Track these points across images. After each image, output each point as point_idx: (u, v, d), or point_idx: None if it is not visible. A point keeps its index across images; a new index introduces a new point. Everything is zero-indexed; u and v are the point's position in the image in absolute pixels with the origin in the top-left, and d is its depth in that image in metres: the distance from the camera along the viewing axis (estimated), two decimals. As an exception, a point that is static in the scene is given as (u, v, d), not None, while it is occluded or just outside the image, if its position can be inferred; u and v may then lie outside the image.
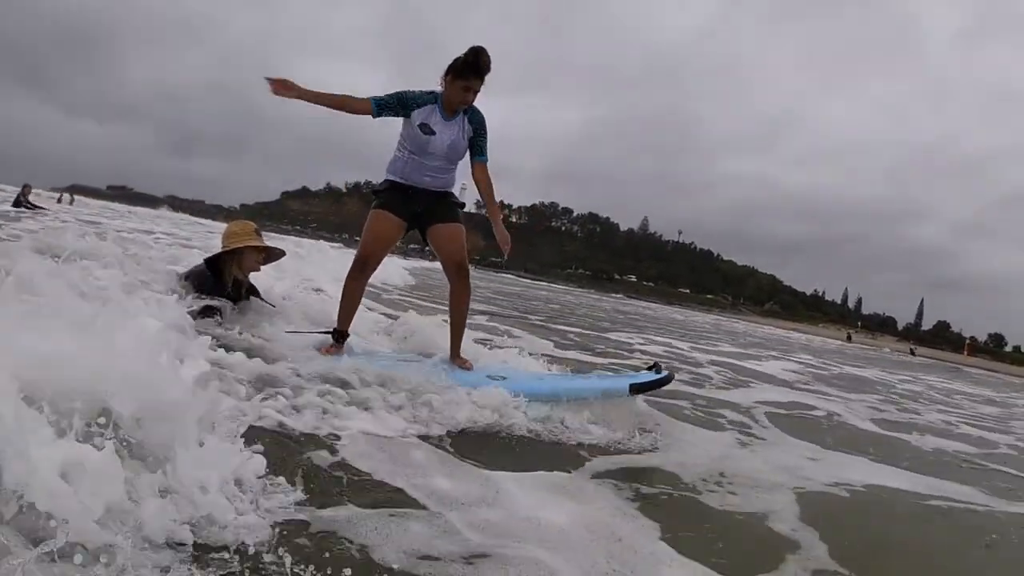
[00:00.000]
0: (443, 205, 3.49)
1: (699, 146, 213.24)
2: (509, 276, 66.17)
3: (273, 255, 3.93)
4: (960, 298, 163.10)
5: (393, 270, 12.29)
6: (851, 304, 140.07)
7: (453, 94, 3.28)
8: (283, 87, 3.11)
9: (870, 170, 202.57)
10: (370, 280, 3.58)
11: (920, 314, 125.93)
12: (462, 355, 3.53)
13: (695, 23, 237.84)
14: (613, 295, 71.33)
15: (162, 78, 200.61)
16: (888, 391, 8.41)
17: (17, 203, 16.01)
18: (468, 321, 3.63)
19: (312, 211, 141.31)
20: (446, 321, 3.68)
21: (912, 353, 44.93)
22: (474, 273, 4.17)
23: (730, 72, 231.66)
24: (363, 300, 3.65)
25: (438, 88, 3.37)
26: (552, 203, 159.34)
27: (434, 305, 7.67)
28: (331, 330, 3.49)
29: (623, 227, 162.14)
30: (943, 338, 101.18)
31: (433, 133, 3.33)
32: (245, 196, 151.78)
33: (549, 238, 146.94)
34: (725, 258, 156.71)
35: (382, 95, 3.31)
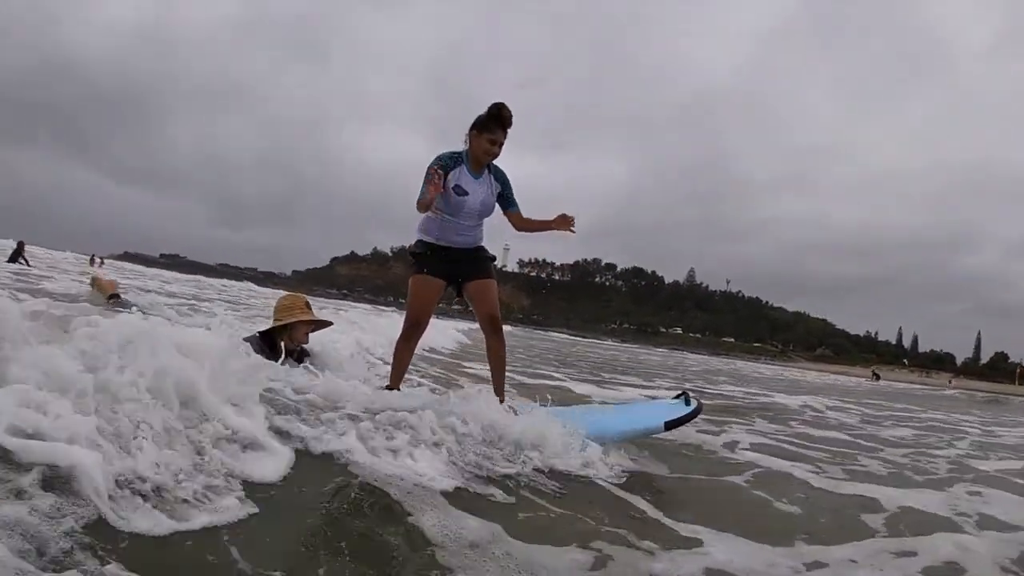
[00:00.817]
0: (477, 261, 3.72)
1: (743, 189, 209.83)
2: (552, 332, 65.97)
3: (321, 325, 4.17)
4: (1020, 326, 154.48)
5: (445, 334, 12.70)
6: (906, 342, 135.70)
7: (480, 149, 3.50)
8: (440, 178, 3.43)
9: (917, 197, 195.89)
10: (421, 345, 3.90)
11: (978, 347, 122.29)
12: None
13: (729, 63, 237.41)
14: (655, 348, 71.23)
15: (212, 146, 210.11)
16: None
17: (13, 258, 17.48)
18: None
19: (360, 275, 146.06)
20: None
21: (876, 377, 45.22)
22: (515, 330, 5.01)
23: (768, 110, 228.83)
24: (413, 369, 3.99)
25: (462, 147, 3.60)
26: (595, 259, 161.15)
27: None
28: (383, 388, 3.61)
29: (669, 279, 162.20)
30: (998, 369, 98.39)
31: (467, 194, 3.53)
32: (297, 263, 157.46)
33: (592, 294, 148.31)
34: (774, 305, 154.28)
35: (424, 185, 3.45)
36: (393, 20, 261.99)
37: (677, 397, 3.77)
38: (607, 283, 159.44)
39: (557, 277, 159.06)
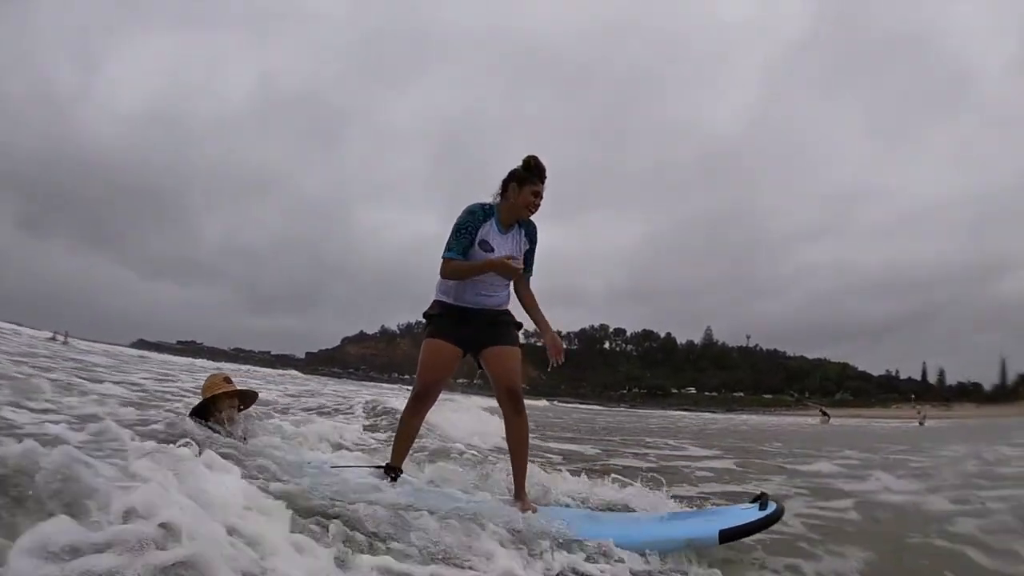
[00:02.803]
0: (499, 326, 3.42)
1: (769, 240, 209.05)
2: (556, 403, 62.97)
3: (248, 397, 4.34)
4: None
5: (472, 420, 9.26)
6: (931, 378, 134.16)
7: (523, 202, 3.29)
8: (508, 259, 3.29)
9: (949, 229, 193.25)
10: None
11: (1003, 373, 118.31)
12: (526, 495, 3.30)
13: (745, 110, 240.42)
14: (665, 411, 69.03)
15: (230, 234, 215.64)
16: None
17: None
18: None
19: (368, 354, 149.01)
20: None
21: (825, 417, 41.34)
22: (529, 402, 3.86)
23: (789, 155, 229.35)
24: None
25: (490, 200, 3.39)
26: (602, 325, 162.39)
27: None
28: (383, 465, 3.43)
29: (687, 339, 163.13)
30: (1017, 394, 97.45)
31: (492, 250, 3.30)
32: (310, 344, 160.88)
33: (602, 361, 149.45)
34: (793, 354, 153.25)
35: (456, 244, 3.28)
36: (403, 96, 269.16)
37: (754, 501, 3.14)
38: (616, 348, 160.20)
39: (565, 346, 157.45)
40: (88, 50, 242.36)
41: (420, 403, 3.42)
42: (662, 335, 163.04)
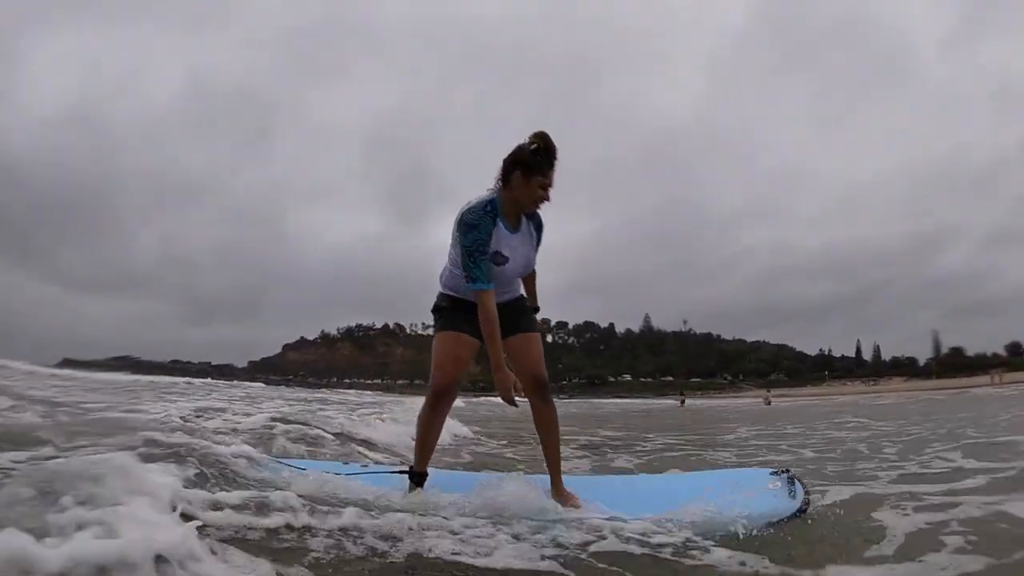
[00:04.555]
0: (516, 313, 3.25)
1: (710, 227, 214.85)
2: (493, 398, 67.21)
3: None
4: (981, 319, 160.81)
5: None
6: (867, 355, 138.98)
7: (528, 196, 2.97)
8: (509, 388, 3.00)
9: (887, 207, 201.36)
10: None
11: (937, 347, 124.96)
12: (566, 488, 3.11)
13: (688, 99, 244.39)
14: (602, 399, 72.23)
15: (162, 243, 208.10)
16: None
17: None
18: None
19: (308, 360, 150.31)
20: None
21: (682, 402, 41.01)
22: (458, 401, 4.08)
23: (731, 141, 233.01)
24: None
25: (486, 193, 3.06)
26: (544, 319, 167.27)
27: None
28: (407, 469, 3.28)
29: (628, 328, 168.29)
30: (950, 365, 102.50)
31: (507, 260, 3.07)
32: (252, 353, 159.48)
33: (544, 354, 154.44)
34: (731, 338, 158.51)
35: (479, 272, 2.96)
36: (334, 91, 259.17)
37: (777, 473, 2.98)
38: (559, 341, 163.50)
39: None
40: (1, 47, 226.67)
41: (439, 401, 3.18)
42: (605, 326, 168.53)
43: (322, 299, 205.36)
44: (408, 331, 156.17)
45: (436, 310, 3.32)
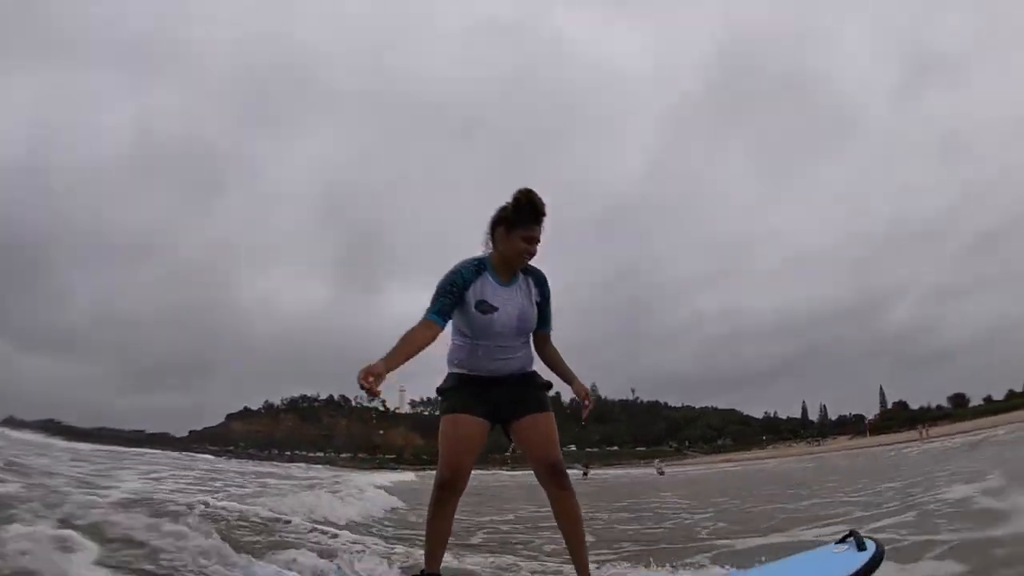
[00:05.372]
0: (527, 390, 3.14)
1: (662, 293, 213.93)
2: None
3: None
4: (928, 372, 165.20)
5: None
6: (813, 415, 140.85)
7: (511, 250, 2.98)
8: (371, 376, 2.60)
9: (835, 265, 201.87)
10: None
11: (883, 402, 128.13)
12: None
13: (640, 165, 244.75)
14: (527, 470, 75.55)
15: (101, 302, 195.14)
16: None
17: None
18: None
19: (252, 431, 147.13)
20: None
21: (584, 475, 38.89)
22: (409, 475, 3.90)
23: (684, 205, 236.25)
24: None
25: (481, 252, 3.09)
26: None
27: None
28: (419, 573, 3.07)
29: (573, 397, 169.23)
30: (895, 419, 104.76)
31: (495, 309, 2.99)
32: (195, 422, 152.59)
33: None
34: (679, 404, 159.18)
35: (434, 304, 2.94)
36: (286, 151, 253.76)
37: (844, 540, 2.74)
38: None
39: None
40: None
41: (448, 492, 2.96)
42: (552, 395, 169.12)
43: (268, 368, 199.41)
44: (353, 403, 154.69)
45: (441, 391, 3.18)
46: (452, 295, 2.98)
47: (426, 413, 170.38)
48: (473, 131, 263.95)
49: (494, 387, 3.10)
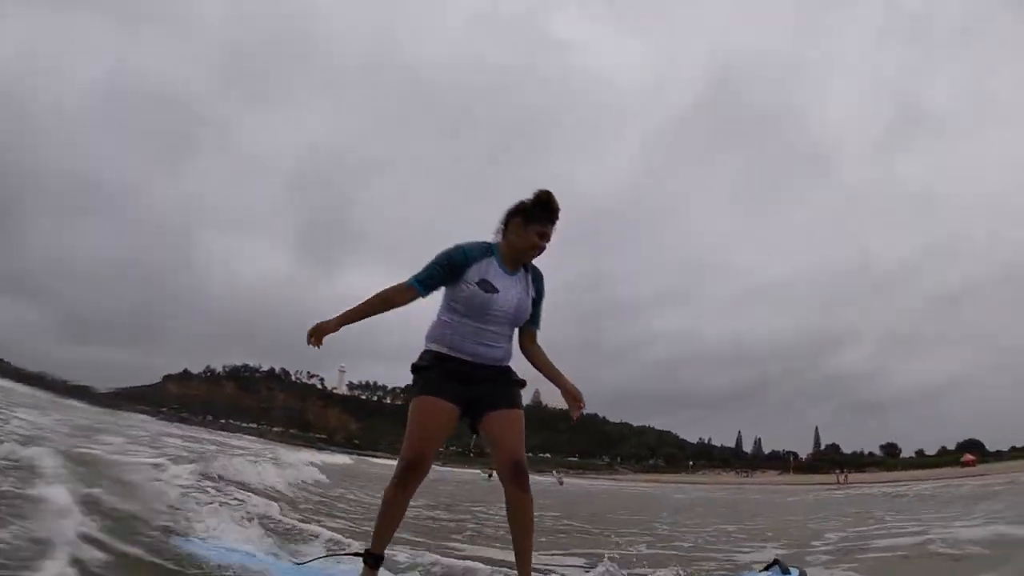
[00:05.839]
0: (504, 385, 3.09)
1: (622, 308, 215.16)
2: (368, 457, 64.55)
3: None
4: (866, 418, 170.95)
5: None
6: (748, 446, 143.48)
7: (525, 242, 3.01)
8: (319, 334, 2.91)
9: (792, 302, 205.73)
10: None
11: (817, 442, 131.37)
12: None
13: (622, 176, 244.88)
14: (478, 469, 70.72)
15: (54, 247, 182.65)
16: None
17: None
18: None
19: (189, 394, 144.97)
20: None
21: (560, 483, 38.70)
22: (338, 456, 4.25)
23: (657, 223, 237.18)
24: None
25: (491, 239, 3.11)
26: None
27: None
28: (362, 552, 3.05)
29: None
30: (824, 461, 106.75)
31: (496, 291, 2.98)
32: (132, 379, 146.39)
33: None
34: (618, 421, 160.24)
35: (422, 271, 2.99)
36: (270, 116, 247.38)
37: (768, 568, 2.96)
38: None
39: (389, 401, 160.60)
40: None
41: (411, 474, 2.92)
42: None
43: (216, 333, 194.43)
44: (293, 378, 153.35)
45: (416, 369, 3.07)
46: (443, 268, 3.00)
47: (363, 397, 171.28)
48: (462, 121, 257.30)
49: (471, 374, 3.01)
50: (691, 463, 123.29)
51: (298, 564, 3.21)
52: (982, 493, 15.73)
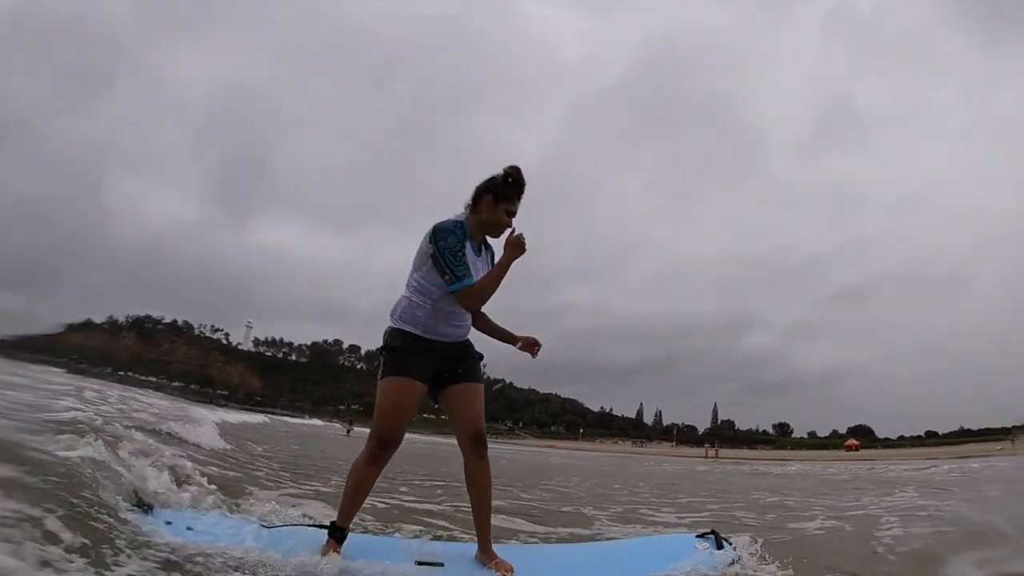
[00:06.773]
0: (466, 360, 3.23)
1: (535, 277, 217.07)
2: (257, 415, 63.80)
3: None
4: (765, 398, 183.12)
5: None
6: (648, 418, 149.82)
7: (493, 221, 3.12)
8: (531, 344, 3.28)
9: (707, 285, 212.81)
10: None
11: (715, 418, 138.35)
12: (496, 553, 3.12)
13: (547, 145, 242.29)
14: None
15: None
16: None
17: None
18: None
19: (91, 345, 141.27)
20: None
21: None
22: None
23: (576, 196, 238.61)
24: None
25: (459, 215, 3.16)
26: (336, 340, 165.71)
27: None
28: (328, 524, 3.12)
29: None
30: (718, 436, 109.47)
31: (472, 276, 3.05)
32: (32, 328, 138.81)
33: (331, 375, 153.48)
34: (524, 387, 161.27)
35: (459, 268, 3.02)
36: (186, 51, 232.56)
37: (703, 536, 3.23)
38: (348, 364, 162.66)
39: (294, 358, 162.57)
40: None
41: (380, 454, 3.07)
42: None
43: (123, 281, 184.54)
44: (196, 331, 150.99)
45: (386, 349, 3.12)
46: (463, 256, 3.05)
47: (268, 354, 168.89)
48: (390, 73, 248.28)
49: (438, 351, 3.12)
50: (582, 431, 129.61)
51: (266, 527, 3.22)
52: (837, 478, 15.37)
